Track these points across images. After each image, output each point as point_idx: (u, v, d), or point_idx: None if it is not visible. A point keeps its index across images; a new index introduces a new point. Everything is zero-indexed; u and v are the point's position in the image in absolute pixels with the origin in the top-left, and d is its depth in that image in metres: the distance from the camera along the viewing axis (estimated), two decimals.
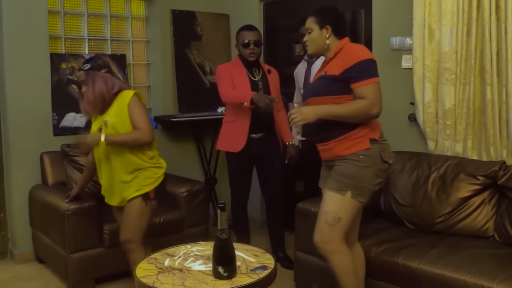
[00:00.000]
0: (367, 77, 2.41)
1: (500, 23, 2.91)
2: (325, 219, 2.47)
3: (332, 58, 2.54)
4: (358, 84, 2.41)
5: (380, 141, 2.51)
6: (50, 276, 3.61)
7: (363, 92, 2.40)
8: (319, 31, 2.56)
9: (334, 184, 2.48)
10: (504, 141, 3.00)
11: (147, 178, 2.80)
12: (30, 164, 3.86)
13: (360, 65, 2.42)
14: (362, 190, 2.45)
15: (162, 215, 3.60)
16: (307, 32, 2.60)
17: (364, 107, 2.40)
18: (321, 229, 2.49)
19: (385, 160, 2.49)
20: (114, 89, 2.78)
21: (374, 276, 2.75)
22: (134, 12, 4.60)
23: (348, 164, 2.45)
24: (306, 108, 2.45)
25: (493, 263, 2.48)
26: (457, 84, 3.15)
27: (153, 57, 4.66)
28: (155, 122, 4.51)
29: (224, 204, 2.13)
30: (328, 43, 2.55)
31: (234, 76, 3.60)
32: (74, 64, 4.15)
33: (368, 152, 2.45)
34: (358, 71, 2.41)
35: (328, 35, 2.55)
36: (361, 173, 2.44)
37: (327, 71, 2.53)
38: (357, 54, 2.45)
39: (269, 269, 2.22)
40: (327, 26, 2.54)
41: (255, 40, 3.58)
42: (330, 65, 2.54)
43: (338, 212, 2.45)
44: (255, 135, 3.59)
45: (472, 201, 2.94)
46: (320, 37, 2.56)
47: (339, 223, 2.45)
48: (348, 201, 2.45)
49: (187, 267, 2.27)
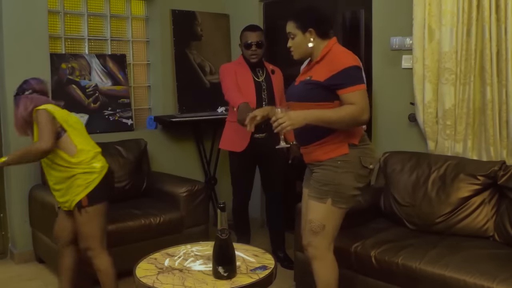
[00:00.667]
0: (355, 84, 2.36)
1: (500, 23, 2.91)
2: (310, 227, 2.49)
3: (318, 62, 2.48)
4: (346, 90, 2.36)
5: (360, 146, 2.47)
6: (50, 276, 3.61)
7: (352, 98, 2.35)
8: (302, 36, 2.48)
9: (314, 193, 2.48)
10: (504, 141, 3.00)
11: (78, 186, 2.76)
12: (29, 164, 3.84)
13: (347, 71, 2.37)
14: (342, 196, 2.44)
15: (162, 215, 3.60)
16: (289, 37, 2.53)
17: (354, 112, 2.35)
18: (307, 235, 2.53)
19: (364, 166, 2.46)
20: (28, 108, 2.81)
21: (374, 276, 2.75)
22: (134, 12, 4.60)
23: (325, 170, 2.44)
24: (295, 113, 2.37)
25: (493, 263, 2.48)
26: (457, 84, 3.15)
27: (153, 57, 4.66)
28: (155, 122, 4.52)
29: (224, 204, 2.13)
30: (313, 46, 2.48)
31: (238, 74, 3.58)
32: (74, 64, 4.15)
33: (346, 158, 2.43)
34: (345, 77, 2.36)
35: (313, 38, 2.47)
36: (339, 179, 2.42)
37: (312, 76, 2.47)
38: (342, 61, 2.40)
39: (269, 269, 2.22)
40: (310, 29, 2.46)
41: (257, 42, 3.57)
42: (315, 69, 2.48)
43: (322, 220, 2.46)
44: (258, 135, 3.59)
45: (472, 201, 2.94)
46: (304, 41, 2.49)
47: (324, 230, 2.46)
48: (329, 209, 2.44)
49: (187, 267, 2.27)
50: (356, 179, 2.45)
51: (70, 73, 4.13)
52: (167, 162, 4.52)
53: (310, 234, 2.50)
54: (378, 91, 3.67)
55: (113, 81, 4.34)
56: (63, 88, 4.09)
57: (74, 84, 4.15)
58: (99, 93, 4.26)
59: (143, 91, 4.72)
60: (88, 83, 4.22)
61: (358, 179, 2.46)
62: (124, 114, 4.37)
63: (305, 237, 2.55)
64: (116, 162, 3.89)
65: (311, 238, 2.50)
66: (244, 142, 3.55)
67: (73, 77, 4.14)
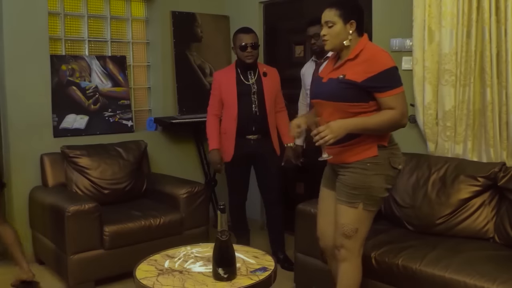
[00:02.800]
0: (395, 87, 2.29)
1: (500, 24, 2.92)
2: (343, 231, 2.43)
3: (352, 60, 2.36)
4: (386, 94, 2.29)
5: (389, 147, 2.42)
6: (50, 278, 3.60)
7: (391, 103, 2.28)
8: (343, 26, 2.34)
9: (344, 197, 2.40)
10: (504, 142, 3.00)
11: None
12: (30, 166, 3.86)
13: (386, 74, 2.29)
14: (373, 199, 2.39)
15: (162, 216, 3.60)
16: (326, 25, 2.37)
17: (395, 117, 2.29)
18: (340, 238, 2.46)
19: (394, 167, 2.41)
20: None
21: (375, 278, 2.74)
22: (134, 13, 4.60)
23: (355, 173, 2.37)
24: (336, 124, 2.27)
25: (493, 264, 2.48)
26: (457, 85, 3.15)
27: (153, 58, 4.66)
28: (155, 124, 4.52)
29: (224, 205, 2.13)
30: (351, 39, 2.36)
31: (223, 86, 3.68)
32: (74, 66, 4.15)
33: (376, 160, 2.36)
34: (384, 80, 2.28)
35: (352, 31, 2.35)
36: (369, 182, 2.36)
37: (346, 75, 2.34)
38: (382, 61, 2.30)
39: (269, 271, 2.22)
40: (352, 21, 2.35)
41: (252, 43, 3.60)
42: (349, 67, 2.36)
43: (354, 223, 2.40)
44: (251, 137, 3.64)
45: (472, 203, 2.94)
46: (343, 32, 2.35)
47: (357, 234, 2.42)
48: (361, 213, 2.39)
49: (187, 269, 2.27)
50: (386, 181, 2.40)
51: (70, 74, 4.13)
52: (167, 164, 4.52)
53: (343, 237, 2.44)
54: None
55: (113, 83, 4.35)
56: (63, 89, 4.09)
57: (74, 86, 4.15)
58: (99, 94, 4.26)
59: (143, 92, 4.73)
60: (88, 84, 4.22)
61: (387, 180, 2.40)
62: (124, 116, 4.38)
63: (338, 239, 2.47)
64: (116, 164, 3.90)
65: (344, 241, 2.44)
66: (230, 152, 3.68)
67: (73, 78, 4.15)
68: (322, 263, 3.02)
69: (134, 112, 4.57)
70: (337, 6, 2.36)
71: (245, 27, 3.75)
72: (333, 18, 2.35)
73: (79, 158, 3.80)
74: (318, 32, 3.54)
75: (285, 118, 3.80)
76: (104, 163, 3.85)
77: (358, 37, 2.39)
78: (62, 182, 3.82)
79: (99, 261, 3.35)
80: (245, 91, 3.63)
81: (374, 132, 2.34)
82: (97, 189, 3.79)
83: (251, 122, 3.63)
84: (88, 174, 3.79)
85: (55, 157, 3.85)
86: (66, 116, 4.09)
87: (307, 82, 3.73)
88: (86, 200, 3.42)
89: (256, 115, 3.63)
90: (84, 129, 4.15)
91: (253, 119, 3.63)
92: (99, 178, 3.81)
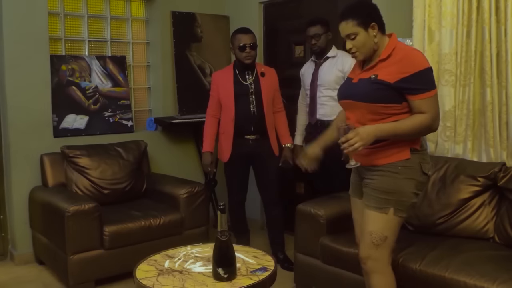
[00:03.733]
0: (428, 89, 2.19)
1: (500, 24, 2.92)
2: (371, 240, 2.31)
3: (384, 60, 2.27)
4: (419, 97, 2.19)
5: (421, 151, 2.32)
6: (50, 278, 3.61)
7: (423, 106, 2.19)
8: (365, 33, 2.25)
9: (374, 203, 2.30)
10: (504, 142, 3.00)
11: None
12: (30, 166, 3.86)
13: (421, 75, 2.19)
14: (404, 205, 2.29)
15: (162, 216, 3.60)
16: (348, 38, 2.28)
17: (428, 122, 2.20)
18: (367, 247, 2.34)
19: (425, 172, 2.32)
20: None
21: None
22: (134, 13, 4.60)
23: (385, 177, 2.28)
24: (364, 130, 2.19)
25: (493, 264, 2.48)
26: (457, 85, 3.15)
27: (153, 58, 4.66)
28: (155, 124, 4.52)
29: (224, 205, 2.14)
30: (377, 41, 2.27)
31: (220, 86, 3.70)
32: (74, 66, 4.15)
33: (407, 163, 2.26)
34: (418, 82, 2.18)
35: (375, 33, 2.26)
36: (400, 186, 2.26)
37: (378, 75, 2.25)
38: (416, 62, 2.21)
39: (269, 271, 2.22)
40: (373, 24, 2.25)
41: (250, 43, 3.60)
42: (381, 68, 2.27)
43: (383, 231, 2.30)
44: (250, 137, 3.65)
45: (472, 203, 2.94)
46: (368, 38, 2.26)
47: (386, 242, 2.31)
48: (391, 218, 2.29)
49: (187, 269, 2.27)
50: (416, 187, 2.30)
51: (70, 74, 4.13)
52: (167, 164, 4.52)
53: (370, 246, 2.32)
54: None
55: (113, 83, 4.35)
56: (63, 89, 4.09)
57: (74, 86, 4.15)
58: (99, 94, 4.26)
59: (143, 92, 4.73)
60: (88, 84, 4.22)
61: (418, 186, 2.31)
62: (124, 116, 4.38)
63: (364, 249, 2.36)
64: (116, 164, 3.90)
65: (371, 251, 2.32)
66: (228, 152, 3.70)
67: (73, 78, 4.15)
68: (322, 263, 3.02)
69: (134, 112, 4.57)
70: (353, 16, 2.26)
71: (243, 27, 3.75)
72: (352, 30, 2.26)
73: (79, 158, 3.80)
74: (318, 32, 3.55)
75: (283, 119, 3.81)
76: (104, 163, 3.85)
77: (384, 36, 2.31)
78: (62, 182, 3.82)
79: (99, 261, 3.35)
80: (243, 91, 3.64)
81: (404, 137, 2.25)
82: (97, 189, 3.79)
83: (249, 122, 3.64)
84: (88, 174, 3.79)
85: (55, 157, 3.85)
86: (66, 116, 4.09)
87: (306, 82, 3.73)
88: (86, 200, 3.42)
89: (254, 115, 3.64)
90: (84, 129, 4.15)
91: (251, 119, 3.64)
92: (99, 178, 3.81)
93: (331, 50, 3.59)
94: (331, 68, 3.53)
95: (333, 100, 3.48)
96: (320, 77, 3.57)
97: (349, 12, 2.27)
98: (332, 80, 3.50)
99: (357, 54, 2.32)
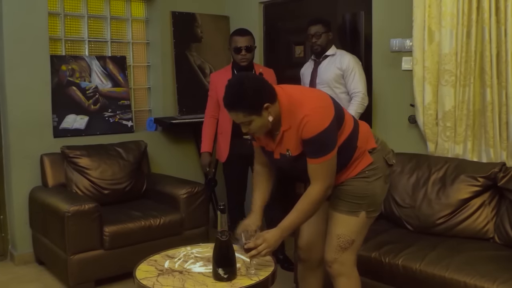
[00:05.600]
0: (325, 154, 2.12)
1: (500, 25, 2.92)
2: (338, 243, 2.31)
3: (287, 130, 2.17)
4: (314, 161, 2.14)
5: (379, 146, 2.35)
6: (50, 278, 3.60)
7: (318, 171, 2.15)
8: (260, 117, 2.11)
9: (345, 207, 2.30)
10: (504, 142, 3.00)
11: None
12: (30, 166, 3.86)
13: (315, 140, 2.10)
14: (376, 204, 2.34)
15: (162, 216, 3.60)
16: (244, 125, 2.15)
17: (321, 193, 2.16)
18: (334, 251, 2.33)
19: (390, 164, 2.37)
20: None
21: (375, 278, 2.74)
22: (134, 14, 4.60)
23: (357, 182, 2.29)
24: (272, 237, 2.17)
25: (494, 265, 2.48)
26: (457, 86, 3.15)
27: (153, 59, 4.66)
28: (155, 124, 4.52)
29: (224, 205, 2.13)
30: (272, 119, 2.13)
31: (219, 87, 3.68)
32: (74, 66, 4.15)
33: (373, 165, 2.30)
34: (314, 147, 2.12)
35: (270, 110, 2.11)
36: (372, 189, 2.30)
37: (290, 150, 2.19)
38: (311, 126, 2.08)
39: (269, 271, 2.22)
40: (266, 105, 2.09)
41: (246, 46, 3.59)
42: (288, 138, 2.18)
43: (351, 235, 2.30)
44: (248, 137, 3.65)
45: (472, 203, 2.94)
46: (264, 120, 2.12)
47: (353, 245, 2.32)
48: (362, 221, 2.31)
49: (187, 269, 2.27)
50: (385, 181, 2.36)
51: (70, 75, 4.13)
52: (167, 164, 4.52)
53: (337, 250, 2.31)
54: (378, 93, 3.67)
55: (113, 83, 4.35)
56: (63, 89, 4.09)
57: (74, 86, 4.15)
58: (99, 94, 4.26)
59: (143, 92, 4.73)
60: (88, 84, 4.22)
61: (386, 180, 2.37)
62: (124, 116, 4.38)
63: (330, 253, 2.34)
64: (116, 164, 3.90)
65: (338, 254, 2.32)
66: (225, 153, 3.72)
67: (73, 79, 4.15)
68: None
69: (134, 112, 4.57)
70: (242, 108, 2.08)
71: (241, 29, 3.74)
72: (245, 119, 2.11)
73: (79, 158, 3.80)
74: (319, 31, 3.55)
75: None
76: (104, 163, 3.85)
77: (276, 104, 2.14)
78: (62, 182, 3.82)
79: (99, 261, 3.35)
80: None
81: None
82: (97, 190, 3.79)
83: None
84: (88, 175, 3.79)
85: (55, 157, 3.85)
86: (66, 117, 4.09)
87: (306, 82, 3.73)
88: (86, 200, 3.42)
89: None
90: (84, 130, 4.15)
91: None
92: (99, 179, 3.81)
93: (330, 49, 3.59)
94: (329, 66, 3.53)
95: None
96: (319, 76, 3.58)
97: (236, 103, 2.09)
98: (331, 78, 3.50)
99: (256, 134, 2.24)
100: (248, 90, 2.07)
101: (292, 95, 2.18)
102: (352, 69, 3.43)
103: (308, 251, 2.53)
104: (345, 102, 3.47)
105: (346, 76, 3.45)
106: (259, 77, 2.21)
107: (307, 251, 2.54)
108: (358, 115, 3.38)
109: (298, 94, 2.21)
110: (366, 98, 3.42)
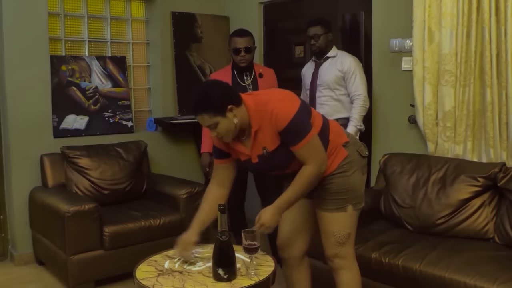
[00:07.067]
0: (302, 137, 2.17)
1: (500, 25, 2.92)
2: (335, 239, 2.38)
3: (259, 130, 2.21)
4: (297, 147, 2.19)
5: (351, 140, 2.42)
6: (50, 278, 3.61)
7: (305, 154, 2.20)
8: (225, 119, 2.14)
9: (332, 205, 2.36)
10: (504, 143, 3.00)
11: None
12: (30, 166, 3.86)
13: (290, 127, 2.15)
14: (360, 196, 2.41)
15: (162, 217, 3.60)
16: (211, 128, 2.18)
17: (315, 170, 2.21)
18: (333, 247, 2.41)
19: (363, 156, 2.44)
20: None
21: (375, 278, 2.74)
22: (134, 14, 4.60)
23: (337, 179, 2.35)
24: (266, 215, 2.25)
25: (494, 265, 2.48)
26: (457, 86, 3.15)
27: (153, 59, 4.66)
28: (155, 124, 4.52)
29: (224, 206, 2.14)
30: (238, 121, 2.17)
31: None
32: (74, 66, 4.15)
33: (348, 159, 2.36)
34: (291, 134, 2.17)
35: (235, 112, 2.16)
36: (352, 182, 2.36)
37: (267, 147, 2.24)
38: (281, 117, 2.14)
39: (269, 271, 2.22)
40: (230, 106, 2.14)
41: (245, 47, 3.58)
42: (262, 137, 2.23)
43: (346, 229, 2.38)
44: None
45: (472, 203, 2.94)
46: (230, 122, 2.16)
47: (350, 238, 2.40)
48: (351, 215, 2.38)
49: (187, 269, 2.27)
50: (362, 173, 2.43)
51: (70, 75, 4.13)
52: (167, 164, 4.52)
53: (336, 245, 2.39)
54: (378, 93, 3.67)
55: (113, 83, 4.35)
56: (63, 90, 4.09)
57: (74, 86, 4.15)
58: (99, 95, 4.26)
59: (143, 93, 4.73)
60: (88, 85, 4.22)
61: (363, 171, 2.44)
62: (124, 116, 4.38)
63: (329, 249, 2.42)
64: (116, 164, 3.90)
65: (338, 249, 2.40)
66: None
67: (73, 79, 4.15)
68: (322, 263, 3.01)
69: (134, 112, 4.57)
70: (206, 109, 2.13)
71: (240, 29, 3.73)
72: (211, 121, 2.14)
73: (79, 158, 3.80)
74: (318, 33, 3.55)
75: None
76: (104, 163, 3.85)
77: (242, 106, 2.19)
78: (62, 183, 3.82)
79: (99, 262, 3.35)
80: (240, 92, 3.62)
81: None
82: (97, 190, 3.79)
83: None
84: (88, 175, 3.79)
85: (55, 157, 3.85)
86: (66, 117, 4.09)
87: (307, 83, 3.73)
88: (86, 200, 3.42)
89: None
90: (84, 130, 4.15)
91: None
92: (99, 179, 3.81)
93: (332, 50, 3.59)
94: (330, 68, 3.53)
95: (332, 100, 3.49)
96: (320, 77, 3.57)
97: (200, 107, 2.14)
98: (332, 79, 3.50)
99: (225, 139, 2.24)
100: (211, 94, 2.15)
101: (257, 96, 2.28)
102: (353, 71, 3.43)
103: (287, 249, 2.57)
104: (346, 104, 3.47)
105: (347, 78, 3.44)
106: (223, 82, 2.27)
107: (286, 249, 2.58)
108: (361, 118, 3.38)
109: (263, 94, 2.30)
110: (367, 100, 3.42)
